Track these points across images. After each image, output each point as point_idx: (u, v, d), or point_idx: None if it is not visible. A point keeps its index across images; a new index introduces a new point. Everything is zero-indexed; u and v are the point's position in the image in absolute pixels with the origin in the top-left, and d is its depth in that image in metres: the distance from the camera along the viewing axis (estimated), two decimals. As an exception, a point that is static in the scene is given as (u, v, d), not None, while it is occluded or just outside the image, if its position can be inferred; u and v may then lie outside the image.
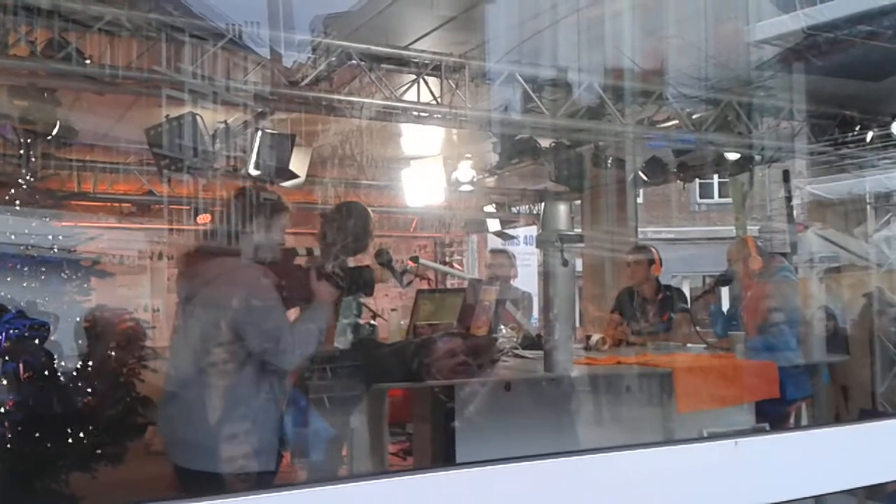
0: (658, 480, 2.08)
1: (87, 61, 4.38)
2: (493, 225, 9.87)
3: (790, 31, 5.25)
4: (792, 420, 5.08)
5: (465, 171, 7.74)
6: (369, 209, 4.20)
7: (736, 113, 6.10)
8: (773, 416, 4.56)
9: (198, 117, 4.53)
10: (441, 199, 8.50)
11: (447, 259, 10.87)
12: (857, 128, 6.41)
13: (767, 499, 2.10)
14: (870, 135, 6.32)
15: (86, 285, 5.67)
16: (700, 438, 1.95)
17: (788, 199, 7.34)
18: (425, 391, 4.01)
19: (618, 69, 5.49)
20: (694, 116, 6.12)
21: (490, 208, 10.02)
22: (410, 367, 3.60)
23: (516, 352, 4.51)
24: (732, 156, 6.72)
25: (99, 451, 4.81)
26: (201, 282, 3.12)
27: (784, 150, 6.78)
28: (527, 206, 9.93)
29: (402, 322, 4.96)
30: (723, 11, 5.12)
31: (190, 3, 4.55)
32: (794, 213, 7.45)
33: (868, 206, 6.97)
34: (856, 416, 6.18)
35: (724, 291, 5.64)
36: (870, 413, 6.07)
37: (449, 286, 8.05)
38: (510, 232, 9.83)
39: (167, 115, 4.56)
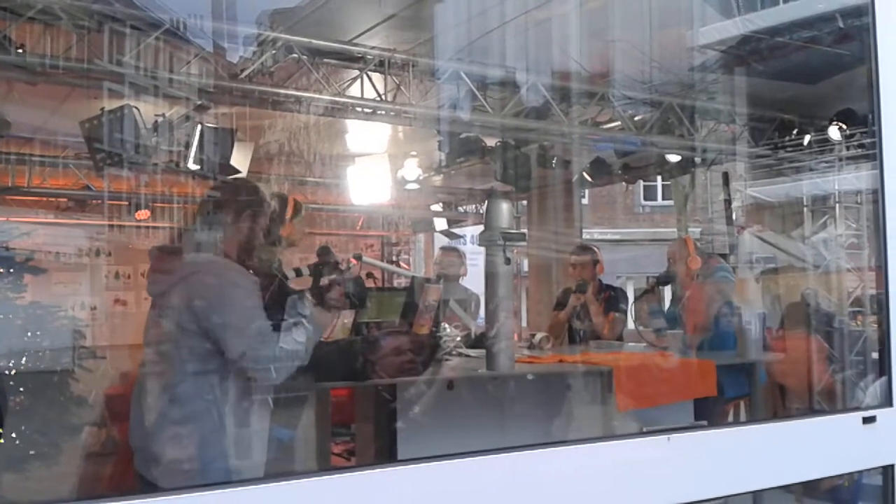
0: (594, 475, 2.10)
1: (20, 50, 4.24)
2: (440, 224, 9.86)
3: (731, 35, 5.35)
4: (731, 418, 5.17)
5: (411, 170, 7.71)
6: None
7: (677, 116, 6.19)
8: (712, 413, 4.63)
9: (135, 110, 4.42)
10: (387, 198, 8.45)
11: (394, 258, 10.82)
12: (795, 131, 6.55)
13: (701, 494, 2.13)
14: (807, 138, 6.46)
15: (19, 282, 5.51)
16: (633, 434, 1.96)
17: (728, 201, 7.47)
18: (368, 390, 3.97)
19: (563, 70, 5.52)
20: (636, 118, 6.19)
21: (437, 207, 10.00)
22: (354, 365, 3.56)
23: (460, 350, 4.51)
24: (674, 158, 6.83)
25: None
26: (173, 279, 2.85)
27: (725, 153, 6.90)
28: (474, 206, 9.94)
29: (345, 321, 4.92)
30: (667, 16, 5.19)
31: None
32: (735, 215, 7.58)
33: (805, 209, 7.12)
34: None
35: (666, 292, 5.72)
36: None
37: (396, 285, 8.02)
38: (457, 231, 9.82)
39: (103, 108, 4.44)
